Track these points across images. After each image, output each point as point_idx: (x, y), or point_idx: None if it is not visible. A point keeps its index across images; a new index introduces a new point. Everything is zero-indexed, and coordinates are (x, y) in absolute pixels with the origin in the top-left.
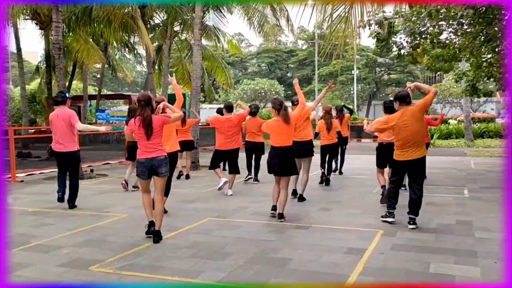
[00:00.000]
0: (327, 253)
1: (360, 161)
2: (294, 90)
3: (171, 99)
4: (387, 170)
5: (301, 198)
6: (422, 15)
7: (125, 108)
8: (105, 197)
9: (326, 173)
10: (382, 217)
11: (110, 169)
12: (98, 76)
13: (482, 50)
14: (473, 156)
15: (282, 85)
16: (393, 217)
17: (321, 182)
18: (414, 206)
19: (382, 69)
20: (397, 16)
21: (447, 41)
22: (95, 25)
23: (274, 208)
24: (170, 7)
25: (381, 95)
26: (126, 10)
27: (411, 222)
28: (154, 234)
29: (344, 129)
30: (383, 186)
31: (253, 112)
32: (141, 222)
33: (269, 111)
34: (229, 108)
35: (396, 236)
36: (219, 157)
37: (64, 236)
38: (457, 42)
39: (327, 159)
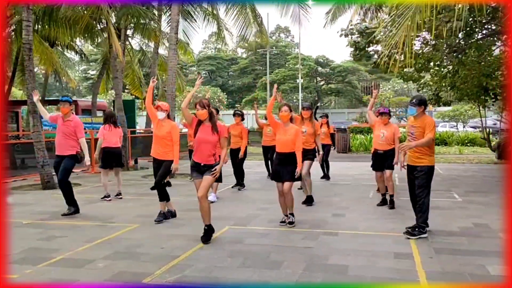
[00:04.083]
0: (378, 259)
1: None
2: (236, 98)
3: (127, 105)
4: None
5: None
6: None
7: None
8: (96, 207)
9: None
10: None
11: (77, 178)
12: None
13: (451, 61)
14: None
15: (224, 93)
16: None
17: None
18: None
19: (322, 78)
20: (378, 26)
21: (418, 52)
22: (54, 26)
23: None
24: (134, 9)
25: (321, 104)
26: (92, 12)
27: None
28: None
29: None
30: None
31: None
32: (160, 232)
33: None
34: None
35: (430, 240)
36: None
37: (86, 249)
38: (431, 51)
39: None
